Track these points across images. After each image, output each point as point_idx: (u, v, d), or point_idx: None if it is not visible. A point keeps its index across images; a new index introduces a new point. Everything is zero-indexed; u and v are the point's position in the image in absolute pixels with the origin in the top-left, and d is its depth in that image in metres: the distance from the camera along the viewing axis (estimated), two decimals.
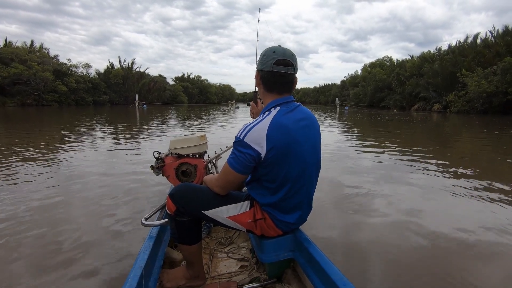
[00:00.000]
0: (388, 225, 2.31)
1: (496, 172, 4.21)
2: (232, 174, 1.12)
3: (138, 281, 1.00)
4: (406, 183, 3.45)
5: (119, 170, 3.92)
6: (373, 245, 1.99)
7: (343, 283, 0.99)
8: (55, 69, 33.62)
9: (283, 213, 1.19)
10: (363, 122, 15.20)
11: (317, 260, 1.13)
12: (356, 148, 6.18)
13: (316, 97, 79.03)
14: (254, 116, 1.47)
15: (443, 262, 1.79)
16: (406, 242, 2.04)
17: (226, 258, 1.57)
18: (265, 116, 1.12)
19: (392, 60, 45.94)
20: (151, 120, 13.75)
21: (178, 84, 62.15)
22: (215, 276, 1.41)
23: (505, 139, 8.10)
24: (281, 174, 1.12)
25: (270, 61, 1.13)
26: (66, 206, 2.63)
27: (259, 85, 1.22)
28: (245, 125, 1.12)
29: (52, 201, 2.71)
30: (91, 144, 6.19)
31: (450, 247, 1.96)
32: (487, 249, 1.94)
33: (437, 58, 31.92)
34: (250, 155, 1.07)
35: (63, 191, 3.00)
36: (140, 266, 1.09)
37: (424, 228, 2.22)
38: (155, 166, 1.99)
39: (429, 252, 1.90)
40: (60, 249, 1.86)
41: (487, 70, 22.44)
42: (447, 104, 25.73)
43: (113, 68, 44.99)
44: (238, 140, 1.09)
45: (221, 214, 1.20)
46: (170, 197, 1.21)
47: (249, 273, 1.40)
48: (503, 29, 26.53)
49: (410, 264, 1.78)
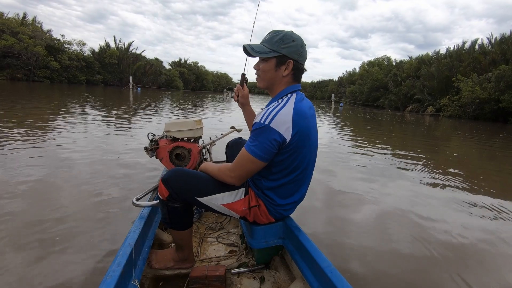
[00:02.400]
0: (375, 218, 2.36)
1: (484, 176, 4.32)
2: (254, 163, 1.07)
3: (127, 259, 1.00)
4: (394, 180, 3.52)
5: (110, 151, 3.88)
6: (360, 237, 2.04)
7: (330, 270, 1.01)
8: (48, 45, 32.54)
9: (282, 198, 1.20)
10: (357, 119, 15.31)
11: (305, 247, 1.16)
12: (346, 143, 6.25)
13: (313, 92, 78.85)
14: (241, 100, 1.45)
15: (426, 255, 1.85)
16: (390, 236, 2.09)
17: (215, 242, 1.59)
18: (286, 101, 1.10)
19: (390, 60, 46.01)
20: (145, 103, 13.54)
21: (174, 69, 61.05)
22: (204, 259, 1.43)
23: (496, 144, 8.29)
24: (297, 160, 1.12)
25: (305, 54, 1.16)
26: (54, 184, 2.59)
27: (287, 72, 1.13)
28: (267, 110, 1.07)
29: (40, 179, 2.66)
30: (82, 123, 6.08)
31: (436, 242, 2.02)
32: (473, 249, 2.01)
33: (434, 61, 32.14)
34: (276, 141, 1.04)
35: (51, 170, 2.95)
36: (130, 245, 1.09)
37: (410, 223, 2.28)
38: (149, 147, 1.97)
39: (414, 248, 1.96)
40: (48, 227, 1.84)
41: (482, 77, 22.73)
42: (440, 107, 26.06)
43: (108, 48, 43.81)
44: (262, 126, 1.03)
45: (215, 202, 1.18)
46: (163, 181, 1.18)
47: (238, 258, 1.42)
48: (500, 37, 26.83)
49: (394, 257, 1.83)
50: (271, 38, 1.13)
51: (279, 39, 1.11)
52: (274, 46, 1.11)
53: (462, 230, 2.27)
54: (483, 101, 21.61)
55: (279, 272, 1.33)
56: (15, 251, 1.57)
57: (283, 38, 1.11)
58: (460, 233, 2.21)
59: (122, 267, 0.96)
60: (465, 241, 2.08)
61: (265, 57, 1.13)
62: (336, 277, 0.98)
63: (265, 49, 1.12)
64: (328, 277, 0.99)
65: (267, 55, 1.12)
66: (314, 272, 1.10)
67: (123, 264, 0.97)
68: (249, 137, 1.10)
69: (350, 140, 7.00)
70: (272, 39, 1.12)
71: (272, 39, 1.12)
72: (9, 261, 1.48)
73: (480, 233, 2.25)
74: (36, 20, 36.47)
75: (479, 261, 1.87)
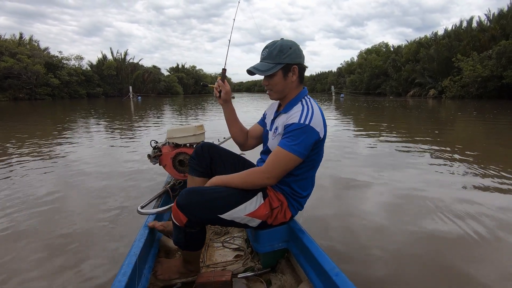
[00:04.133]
0: (383, 214, 2.35)
1: (492, 157, 4.27)
2: (295, 161, 1.14)
3: (132, 268, 1.02)
4: (401, 170, 3.49)
5: (115, 161, 3.93)
6: (367, 234, 2.03)
7: (335, 273, 1.01)
8: (47, 62, 32.90)
9: (304, 190, 1.29)
10: (359, 109, 15.20)
11: (310, 250, 1.16)
12: (349, 134, 6.22)
13: (313, 85, 78.57)
14: (224, 96, 1.36)
15: (439, 253, 1.84)
16: (399, 232, 2.08)
17: (221, 247, 1.60)
18: (311, 104, 1.22)
19: (388, 46, 45.56)
20: (146, 112, 13.64)
21: (173, 74, 61.29)
22: (210, 264, 1.44)
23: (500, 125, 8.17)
24: (322, 154, 1.28)
25: (303, 52, 1.23)
26: (61, 196, 2.67)
27: (295, 77, 1.22)
28: (303, 111, 1.17)
29: (49, 193, 2.73)
30: (86, 137, 6.16)
31: (448, 237, 2.00)
32: (486, 237, 1.99)
33: (433, 43, 31.72)
34: (314, 139, 1.15)
35: (60, 183, 3.03)
36: (135, 254, 1.11)
37: (417, 216, 2.26)
38: (152, 155, 1.99)
39: (423, 242, 1.94)
40: (55, 237, 1.90)
41: (482, 55, 22.38)
42: (443, 89, 25.74)
43: (106, 60, 44.13)
44: (304, 126, 1.13)
45: (239, 214, 1.17)
46: (179, 207, 1.11)
47: (244, 263, 1.43)
48: (499, 12, 26.34)
49: (403, 254, 1.82)
50: (270, 53, 1.19)
51: (279, 52, 1.18)
52: (276, 59, 1.18)
53: (479, 221, 2.24)
54: (486, 79, 21.28)
55: (285, 275, 1.34)
56: (21, 263, 1.60)
57: (281, 50, 1.18)
58: (475, 227, 2.11)
59: (127, 276, 0.97)
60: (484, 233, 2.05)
61: (272, 73, 1.19)
62: (341, 279, 0.98)
63: (269, 66, 1.19)
64: (333, 280, 0.99)
65: (273, 70, 1.19)
66: (319, 275, 1.11)
67: (128, 274, 0.98)
68: (286, 137, 1.14)
69: (354, 131, 6.96)
70: (272, 53, 1.19)
71: (272, 53, 1.19)
72: (18, 273, 1.52)
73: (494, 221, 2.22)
74: (33, 39, 36.95)
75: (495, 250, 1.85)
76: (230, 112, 1.43)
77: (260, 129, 1.49)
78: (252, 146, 1.51)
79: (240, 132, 1.47)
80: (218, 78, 1.38)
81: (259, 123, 1.50)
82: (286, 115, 1.23)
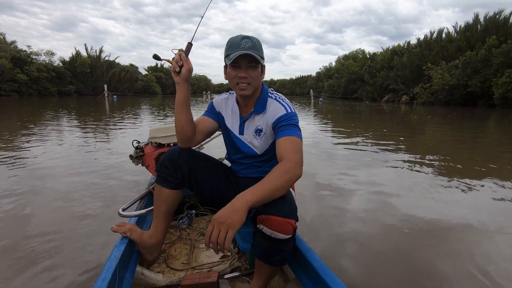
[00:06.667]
0: (364, 209, 2.42)
1: (457, 157, 4.54)
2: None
3: (113, 273, 0.98)
4: (378, 168, 3.62)
5: (91, 162, 3.74)
6: (351, 231, 2.08)
7: (323, 270, 1.02)
8: (13, 56, 30.96)
9: None
10: (336, 112, 15.63)
11: (298, 248, 1.16)
12: (327, 135, 6.37)
13: (292, 88, 79.73)
14: (185, 74, 1.16)
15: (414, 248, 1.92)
16: (378, 227, 2.15)
17: (207, 248, 1.57)
18: (279, 95, 1.26)
19: (364, 52, 47.35)
20: (122, 111, 13.17)
21: (151, 74, 59.89)
22: (196, 266, 1.41)
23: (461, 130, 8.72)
24: None
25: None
26: (32, 200, 2.46)
27: (263, 76, 1.23)
28: (284, 101, 1.21)
29: (16, 196, 2.52)
30: (58, 136, 5.82)
31: (423, 231, 2.10)
32: (459, 232, 2.10)
33: (405, 52, 33.39)
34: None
35: (29, 185, 2.80)
36: (115, 258, 1.06)
37: (395, 213, 2.36)
38: (134, 155, 1.92)
39: (401, 238, 2.02)
40: (29, 243, 1.75)
41: (450, 64, 23.88)
42: (414, 95, 27.13)
43: (79, 56, 42.26)
44: (294, 114, 1.17)
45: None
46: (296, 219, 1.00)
47: (230, 263, 1.42)
48: (465, 25, 28.28)
49: (380, 250, 1.89)
50: (254, 45, 1.12)
51: (260, 46, 1.15)
52: (261, 53, 1.14)
53: (453, 215, 2.37)
54: (453, 87, 22.70)
55: None
56: None
57: (261, 45, 1.16)
58: (449, 217, 2.30)
59: (107, 282, 0.93)
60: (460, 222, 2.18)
61: (260, 64, 1.16)
62: (329, 276, 0.99)
63: (258, 56, 1.12)
64: (321, 277, 1.00)
65: (262, 62, 1.15)
66: (307, 272, 1.12)
67: (108, 279, 0.94)
68: (286, 127, 1.12)
69: (331, 132, 7.14)
70: (256, 45, 1.12)
71: (256, 45, 1.12)
72: None
73: (463, 211, 2.36)
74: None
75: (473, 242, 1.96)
76: (186, 95, 1.20)
77: (211, 123, 1.32)
78: (198, 142, 1.29)
79: (189, 123, 1.22)
80: (177, 53, 1.17)
81: (209, 116, 1.33)
82: (264, 115, 1.21)
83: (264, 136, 1.23)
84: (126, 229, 1.26)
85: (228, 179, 1.35)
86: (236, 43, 1.11)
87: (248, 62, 1.12)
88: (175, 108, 1.21)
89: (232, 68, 1.15)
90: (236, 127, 1.29)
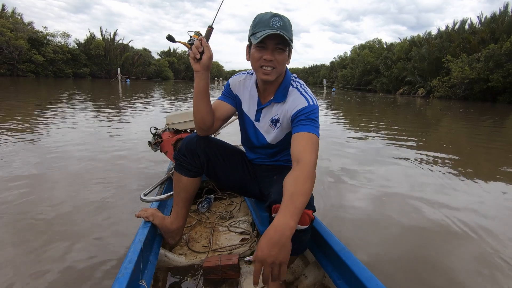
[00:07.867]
0: (379, 202, 2.42)
1: (473, 156, 4.43)
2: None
3: (138, 255, 1.02)
4: (390, 164, 3.58)
5: (110, 146, 3.83)
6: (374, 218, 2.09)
7: (344, 253, 1.03)
8: (30, 37, 31.43)
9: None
10: (349, 103, 15.36)
11: (317, 230, 1.18)
12: (340, 128, 6.29)
13: (305, 77, 78.71)
14: (206, 62, 1.07)
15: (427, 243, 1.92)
16: (393, 221, 2.15)
17: (227, 231, 1.61)
18: (301, 83, 1.19)
19: (381, 42, 45.94)
20: (135, 95, 13.30)
21: (164, 59, 59.92)
22: (216, 249, 1.45)
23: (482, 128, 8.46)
24: None
25: None
26: (55, 183, 2.54)
27: (289, 60, 1.14)
28: (306, 91, 1.14)
29: (36, 179, 2.59)
30: (73, 119, 5.94)
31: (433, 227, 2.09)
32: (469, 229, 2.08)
33: (425, 43, 32.18)
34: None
35: (45, 168, 2.87)
36: (140, 241, 1.10)
37: (409, 206, 2.34)
38: (152, 142, 1.96)
39: (413, 233, 2.02)
40: (55, 226, 1.84)
41: (471, 57, 22.90)
42: (431, 89, 26.30)
43: (94, 39, 42.51)
44: (316, 107, 1.09)
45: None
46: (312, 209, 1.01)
47: (250, 246, 1.45)
48: (491, 16, 26.91)
49: (403, 241, 1.90)
50: (285, 25, 1.01)
51: (290, 27, 1.04)
52: (291, 35, 1.03)
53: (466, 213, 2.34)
54: (473, 81, 21.84)
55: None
56: (18, 249, 1.57)
57: (291, 26, 1.05)
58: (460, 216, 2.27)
59: (134, 263, 0.97)
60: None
61: (289, 47, 1.07)
62: (351, 259, 1.00)
63: (289, 40, 1.02)
64: (342, 260, 1.02)
65: (292, 45, 1.06)
66: (328, 256, 1.13)
67: (134, 261, 0.99)
68: (306, 122, 1.04)
69: (344, 124, 7.05)
70: (286, 26, 1.01)
71: (286, 26, 1.01)
72: (16, 263, 1.49)
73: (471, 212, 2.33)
74: (16, 12, 35.12)
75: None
76: (206, 84, 1.13)
77: (229, 108, 1.26)
78: (216, 129, 1.26)
79: (209, 113, 1.18)
80: (197, 37, 1.06)
81: (226, 100, 1.27)
82: (283, 105, 1.15)
83: (280, 127, 1.19)
84: (149, 214, 1.29)
85: (246, 166, 1.36)
86: (265, 21, 1.01)
87: (276, 44, 1.02)
88: (194, 98, 1.15)
89: (257, 48, 1.04)
90: (252, 113, 1.25)
